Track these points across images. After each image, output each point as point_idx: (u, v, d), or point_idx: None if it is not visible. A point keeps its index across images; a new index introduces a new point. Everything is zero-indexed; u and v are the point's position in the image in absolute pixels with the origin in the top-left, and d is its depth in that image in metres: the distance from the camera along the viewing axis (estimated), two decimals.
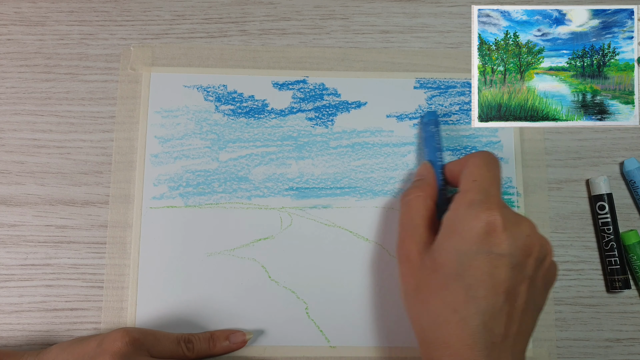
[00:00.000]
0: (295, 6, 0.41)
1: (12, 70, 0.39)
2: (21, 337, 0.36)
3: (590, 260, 0.38)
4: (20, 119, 0.39)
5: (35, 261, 0.37)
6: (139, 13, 0.40)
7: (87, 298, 0.37)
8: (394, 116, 0.39)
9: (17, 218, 0.37)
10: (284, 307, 0.37)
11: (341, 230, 0.38)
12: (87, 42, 0.40)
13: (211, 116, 0.39)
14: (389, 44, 0.40)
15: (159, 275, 0.37)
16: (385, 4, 0.41)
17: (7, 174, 0.38)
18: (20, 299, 0.37)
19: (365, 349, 0.36)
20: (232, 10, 0.41)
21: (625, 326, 0.38)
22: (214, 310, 0.36)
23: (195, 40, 0.40)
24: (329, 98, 0.39)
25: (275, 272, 0.37)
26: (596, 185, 0.38)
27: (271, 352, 0.36)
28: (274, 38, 0.40)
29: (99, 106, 0.39)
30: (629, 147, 0.39)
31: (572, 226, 0.39)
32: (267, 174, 0.38)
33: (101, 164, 0.38)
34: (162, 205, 0.38)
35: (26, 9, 0.40)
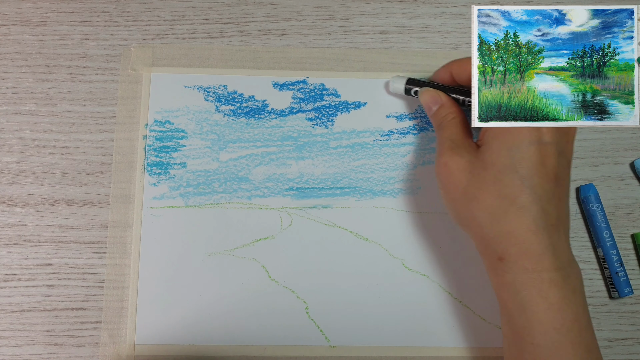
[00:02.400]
0: (296, 7, 0.41)
1: (13, 70, 0.39)
2: (22, 337, 0.36)
3: (590, 260, 0.38)
4: (21, 119, 0.39)
5: (35, 261, 0.37)
6: (140, 13, 0.40)
7: (88, 298, 0.37)
8: (394, 116, 0.39)
9: (18, 218, 0.38)
10: (284, 307, 0.37)
11: (341, 230, 0.38)
12: (87, 42, 0.40)
13: (211, 116, 0.39)
14: (388, 45, 0.41)
15: (160, 275, 0.37)
16: (385, 4, 0.41)
17: (7, 174, 0.38)
18: (21, 299, 0.37)
19: (365, 348, 0.37)
20: (232, 10, 0.41)
21: (624, 326, 0.38)
22: (214, 310, 0.36)
23: (195, 40, 0.40)
24: (329, 98, 0.39)
25: (275, 272, 0.37)
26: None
27: (271, 351, 0.36)
28: (274, 38, 0.40)
29: (100, 106, 0.39)
30: (628, 147, 0.39)
31: (571, 226, 0.39)
32: (267, 174, 0.38)
33: (102, 164, 0.38)
34: (162, 205, 0.38)
35: (27, 9, 0.40)
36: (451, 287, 0.37)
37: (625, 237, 0.39)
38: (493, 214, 0.30)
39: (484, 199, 0.30)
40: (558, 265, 0.29)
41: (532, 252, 0.29)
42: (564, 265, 0.29)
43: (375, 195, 0.38)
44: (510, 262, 0.29)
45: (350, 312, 0.37)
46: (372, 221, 0.38)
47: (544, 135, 0.30)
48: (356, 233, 0.38)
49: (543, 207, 0.29)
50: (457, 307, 0.37)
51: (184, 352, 0.36)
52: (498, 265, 0.30)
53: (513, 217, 0.29)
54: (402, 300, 0.37)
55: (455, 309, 0.37)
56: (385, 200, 0.38)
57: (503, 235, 0.29)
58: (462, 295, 0.37)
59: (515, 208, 0.29)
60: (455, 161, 0.32)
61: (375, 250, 0.38)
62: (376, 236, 0.38)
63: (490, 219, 0.30)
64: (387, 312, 0.37)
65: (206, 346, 0.36)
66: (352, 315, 0.37)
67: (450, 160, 0.32)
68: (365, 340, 0.37)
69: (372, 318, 0.37)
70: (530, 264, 0.29)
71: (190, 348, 0.36)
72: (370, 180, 0.38)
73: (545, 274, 0.29)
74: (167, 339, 0.36)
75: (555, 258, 0.29)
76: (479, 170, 0.31)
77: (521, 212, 0.29)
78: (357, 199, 0.38)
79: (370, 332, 0.37)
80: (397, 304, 0.37)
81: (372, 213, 0.38)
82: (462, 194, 0.31)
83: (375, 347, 0.37)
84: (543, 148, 0.30)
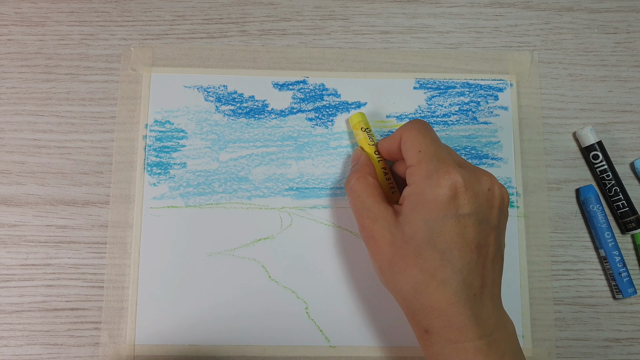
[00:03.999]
0: (296, 7, 0.41)
1: (13, 70, 0.39)
2: (22, 337, 0.36)
3: (590, 260, 0.38)
4: (21, 119, 0.39)
5: (35, 261, 0.37)
6: (140, 14, 0.40)
7: (88, 298, 0.37)
8: (393, 116, 0.39)
9: (18, 218, 0.38)
10: (283, 307, 0.37)
11: (341, 230, 0.38)
12: (87, 42, 0.40)
13: (211, 116, 0.39)
14: (388, 45, 0.41)
15: (160, 275, 0.37)
16: (385, 4, 0.41)
17: (7, 174, 0.38)
18: (21, 299, 0.37)
19: (365, 348, 0.37)
20: (232, 10, 0.41)
21: (624, 326, 0.38)
22: (214, 310, 0.36)
23: (195, 40, 0.40)
24: (329, 98, 0.39)
25: (275, 272, 0.37)
26: (585, 136, 0.38)
27: (271, 351, 0.36)
28: (274, 38, 0.40)
29: (100, 106, 0.39)
30: (628, 147, 0.40)
31: (572, 226, 0.39)
32: (267, 174, 0.38)
33: (102, 164, 0.38)
34: (162, 205, 0.38)
35: (27, 9, 0.40)
36: None
37: (625, 236, 0.39)
38: (416, 287, 0.29)
39: (407, 273, 0.30)
40: (482, 333, 0.29)
41: (455, 324, 0.29)
42: (490, 332, 0.29)
43: None
44: (435, 334, 0.29)
45: (350, 312, 0.37)
46: None
47: (460, 207, 0.29)
48: (356, 233, 0.38)
49: (464, 279, 0.29)
50: None
51: (184, 352, 0.36)
52: (425, 336, 0.30)
53: (434, 291, 0.29)
54: None
55: None
56: None
57: (426, 308, 0.29)
58: None
59: (436, 282, 0.29)
60: (380, 233, 0.31)
61: None
62: None
63: (414, 292, 0.29)
64: (387, 312, 0.37)
65: (206, 346, 0.36)
66: (352, 315, 0.37)
67: (376, 232, 0.32)
68: (365, 340, 0.37)
69: (372, 318, 0.37)
70: (454, 335, 0.29)
71: (190, 348, 0.36)
72: None
73: (469, 343, 0.28)
74: (167, 339, 0.36)
75: (479, 327, 0.29)
76: (400, 243, 0.30)
77: (442, 286, 0.29)
78: None
79: (370, 332, 0.37)
80: (397, 304, 0.37)
81: None
82: (388, 265, 0.31)
83: (375, 347, 0.37)
84: (461, 220, 0.29)
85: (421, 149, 0.31)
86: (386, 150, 0.35)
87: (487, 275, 0.30)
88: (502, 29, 0.41)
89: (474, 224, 0.29)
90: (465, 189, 0.29)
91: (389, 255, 0.31)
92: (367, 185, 0.33)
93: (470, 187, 0.29)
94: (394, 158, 0.35)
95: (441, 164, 0.30)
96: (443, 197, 0.29)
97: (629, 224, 0.38)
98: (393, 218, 0.31)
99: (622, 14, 0.42)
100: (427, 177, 0.30)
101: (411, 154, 0.31)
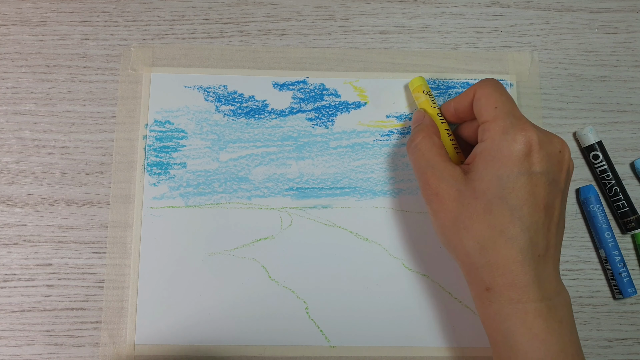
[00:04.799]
0: (296, 7, 0.41)
1: (13, 70, 0.39)
2: (22, 337, 0.36)
3: (590, 260, 0.38)
4: (21, 119, 0.39)
5: (35, 261, 0.37)
6: (140, 13, 0.40)
7: (88, 298, 0.37)
8: (393, 116, 0.39)
9: (18, 218, 0.38)
10: (283, 307, 0.37)
11: (341, 230, 0.38)
12: (87, 42, 0.40)
13: (211, 116, 0.39)
14: (388, 45, 0.41)
15: (160, 275, 0.37)
16: (385, 4, 0.41)
17: (7, 174, 0.38)
18: (21, 299, 0.37)
19: (365, 348, 0.37)
20: (232, 10, 0.41)
21: (624, 326, 0.38)
22: (214, 310, 0.36)
23: (195, 40, 0.40)
24: (329, 98, 0.39)
25: (275, 272, 0.37)
26: (585, 136, 0.38)
27: (271, 351, 0.36)
28: (274, 38, 0.40)
29: (100, 106, 0.39)
30: (628, 147, 0.40)
31: (572, 226, 0.39)
32: (267, 174, 0.38)
33: (102, 164, 0.38)
34: (162, 205, 0.38)
35: (27, 9, 0.40)
36: (451, 287, 0.37)
37: (625, 236, 0.39)
38: (482, 244, 0.30)
39: (474, 229, 0.30)
40: (543, 296, 0.29)
41: (518, 283, 0.29)
42: (550, 296, 0.29)
43: (375, 195, 0.38)
44: (497, 292, 0.29)
45: (350, 312, 0.37)
46: (372, 221, 0.38)
47: (534, 165, 0.30)
48: (356, 233, 0.38)
49: (531, 237, 0.29)
50: (457, 307, 0.37)
51: (184, 352, 0.36)
52: (485, 295, 0.30)
53: (501, 248, 0.29)
54: (402, 300, 0.37)
55: (455, 309, 0.37)
56: (385, 200, 0.38)
57: (491, 265, 0.29)
58: (462, 295, 0.37)
59: (503, 239, 0.29)
60: (445, 191, 0.31)
61: (375, 250, 0.38)
62: (376, 236, 0.38)
63: (479, 248, 0.30)
64: (387, 312, 0.37)
65: (206, 346, 0.36)
66: (352, 315, 0.37)
67: (441, 190, 0.32)
68: (365, 340, 0.37)
69: (372, 318, 0.37)
70: (516, 294, 0.29)
71: (190, 348, 0.36)
72: (370, 180, 0.38)
73: (530, 304, 0.29)
74: (167, 339, 0.36)
75: (541, 289, 0.29)
76: (469, 199, 0.30)
77: (509, 242, 0.29)
78: (357, 199, 0.38)
79: (370, 332, 0.37)
80: (397, 304, 0.37)
81: (372, 213, 0.38)
82: (452, 222, 0.31)
83: (375, 347, 0.37)
84: (533, 178, 0.29)
85: (497, 105, 0.31)
86: (453, 110, 0.35)
87: (550, 237, 0.30)
88: (502, 29, 0.41)
89: (545, 184, 0.30)
90: (539, 147, 0.30)
91: (454, 212, 0.31)
92: (433, 145, 0.33)
93: (544, 146, 0.30)
94: (460, 118, 0.35)
95: (518, 120, 0.30)
96: (518, 153, 0.29)
97: (629, 224, 0.38)
98: (461, 176, 0.31)
99: (622, 14, 0.42)
100: (504, 132, 0.30)
101: (486, 110, 0.31)
